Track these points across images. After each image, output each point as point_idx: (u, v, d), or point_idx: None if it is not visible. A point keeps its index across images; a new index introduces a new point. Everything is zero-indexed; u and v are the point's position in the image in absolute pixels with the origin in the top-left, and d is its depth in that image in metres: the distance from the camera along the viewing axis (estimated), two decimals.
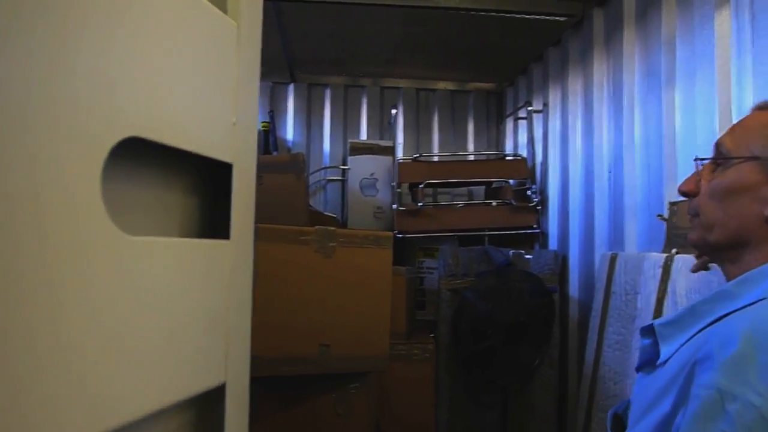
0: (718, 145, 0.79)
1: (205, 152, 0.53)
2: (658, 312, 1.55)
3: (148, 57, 0.47)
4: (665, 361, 0.74)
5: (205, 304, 0.54)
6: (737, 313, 0.68)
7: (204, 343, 0.53)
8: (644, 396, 0.75)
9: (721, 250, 0.78)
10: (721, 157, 0.77)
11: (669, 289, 1.51)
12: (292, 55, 2.81)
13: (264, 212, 2.36)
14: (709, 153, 0.82)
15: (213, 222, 0.60)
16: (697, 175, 0.82)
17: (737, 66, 1.47)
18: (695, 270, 0.91)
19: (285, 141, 3.13)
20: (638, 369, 0.84)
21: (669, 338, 0.75)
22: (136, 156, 0.49)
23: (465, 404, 2.41)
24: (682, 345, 0.72)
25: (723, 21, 1.52)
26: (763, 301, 0.66)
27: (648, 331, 0.80)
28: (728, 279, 0.79)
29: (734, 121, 1.46)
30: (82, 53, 0.40)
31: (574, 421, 2.10)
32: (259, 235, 1.62)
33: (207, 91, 0.55)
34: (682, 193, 0.83)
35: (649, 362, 0.80)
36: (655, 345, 0.77)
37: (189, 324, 0.51)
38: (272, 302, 1.63)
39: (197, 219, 0.59)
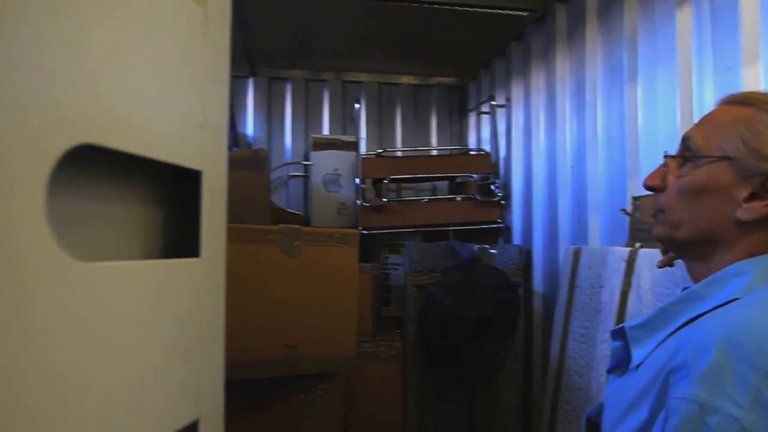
0: (685, 139, 0.77)
1: (168, 158, 0.45)
2: (622, 305, 1.56)
3: (100, 49, 0.40)
4: (638, 365, 0.73)
5: (173, 333, 0.46)
6: (708, 315, 0.67)
7: (173, 377, 0.45)
8: (618, 400, 0.74)
9: (688, 248, 0.77)
10: (693, 155, 0.75)
11: (633, 282, 1.53)
12: (251, 48, 2.73)
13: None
14: (671, 148, 0.80)
15: (180, 237, 0.52)
16: (663, 168, 0.79)
17: (698, 62, 1.50)
18: (662, 266, 0.90)
19: (245, 136, 3.05)
20: (609, 371, 0.83)
21: (640, 341, 0.74)
22: (87, 165, 0.42)
23: (432, 401, 2.41)
24: (655, 348, 0.71)
25: (684, 18, 1.54)
26: (732, 304, 0.66)
27: (618, 333, 0.78)
28: (693, 276, 0.78)
29: (695, 117, 1.50)
30: (18, 45, 0.33)
31: (539, 414, 2.12)
32: None
33: (170, 86, 0.48)
34: (647, 187, 0.81)
35: (620, 365, 0.79)
36: (626, 347, 0.76)
37: (154, 358, 0.44)
38: (235, 304, 1.57)
39: (161, 235, 0.51)
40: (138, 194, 0.49)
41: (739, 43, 1.34)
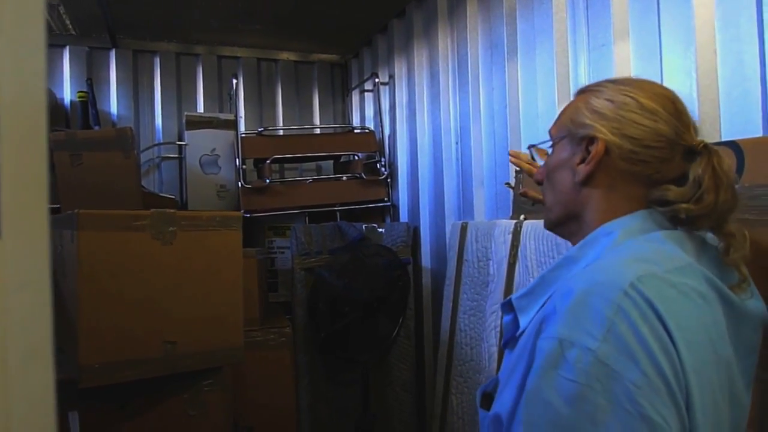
0: (549, 134, 0.85)
1: None
2: (510, 276, 1.60)
3: None
4: (523, 332, 0.75)
5: None
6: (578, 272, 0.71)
7: None
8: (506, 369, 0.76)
9: (561, 226, 0.83)
10: (544, 141, 0.86)
11: (520, 253, 1.57)
12: (112, 17, 2.46)
13: (86, 197, 2.04)
14: (550, 122, 0.86)
15: None
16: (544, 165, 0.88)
17: (573, 39, 1.55)
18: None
19: (108, 114, 2.75)
20: (504, 346, 0.83)
21: (525, 309, 0.77)
22: None
23: (325, 385, 2.36)
24: (536, 314, 0.74)
25: None
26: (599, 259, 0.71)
27: (507, 306, 0.81)
28: None
29: (572, 91, 1.55)
30: None
31: (432, 387, 2.15)
32: (79, 224, 1.38)
33: None
34: (537, 183, 0.89)
35: (512, 338, 0.80)
36: (516, 319, 0.79)
37: None
38: (102, 301, 1.41)
39: None
40: None
41: (610, 20, 1.40)
